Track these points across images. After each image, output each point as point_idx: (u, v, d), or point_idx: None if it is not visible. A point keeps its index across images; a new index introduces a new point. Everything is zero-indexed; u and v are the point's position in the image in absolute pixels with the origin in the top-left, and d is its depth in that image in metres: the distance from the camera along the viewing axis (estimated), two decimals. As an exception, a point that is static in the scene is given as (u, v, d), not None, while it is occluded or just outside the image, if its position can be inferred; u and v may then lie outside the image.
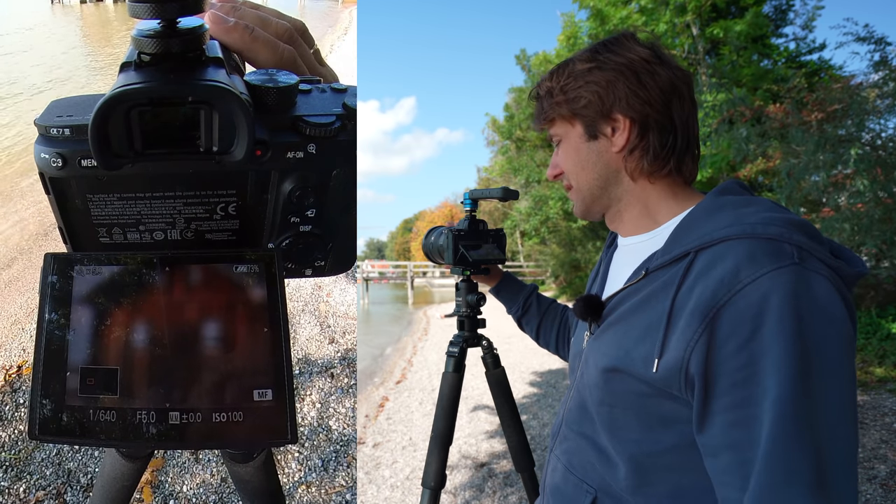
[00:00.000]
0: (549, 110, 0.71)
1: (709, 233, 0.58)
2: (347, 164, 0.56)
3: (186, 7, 0.45)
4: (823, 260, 0.53)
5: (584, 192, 0.71)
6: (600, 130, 0.68)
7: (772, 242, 0.53)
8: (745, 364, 0.51)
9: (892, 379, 3.87)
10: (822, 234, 0.57)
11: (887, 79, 4.91)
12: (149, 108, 0.45)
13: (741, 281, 0.52)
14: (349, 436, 2.38)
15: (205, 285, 0.53)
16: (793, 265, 0.51)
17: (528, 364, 5.51)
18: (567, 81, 0.68)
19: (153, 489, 2.01)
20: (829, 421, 0.49)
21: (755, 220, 0.56)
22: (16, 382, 2.57)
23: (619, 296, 0.67)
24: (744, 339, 0.51)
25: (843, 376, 0.51)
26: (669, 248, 0.62)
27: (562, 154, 0.72)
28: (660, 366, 0.57)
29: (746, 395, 0.51)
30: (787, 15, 9.64)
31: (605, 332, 0.67)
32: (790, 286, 0.50)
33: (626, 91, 0.65)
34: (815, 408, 0.49)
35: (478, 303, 1.19)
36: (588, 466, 0.70)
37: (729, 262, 0.53)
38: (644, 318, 0.61)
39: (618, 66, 0.66)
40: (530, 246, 20.06)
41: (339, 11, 18.95)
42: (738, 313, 0.51)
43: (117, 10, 17.86)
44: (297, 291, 3.72)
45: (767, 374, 0.49)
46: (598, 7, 9.39)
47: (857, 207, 4.71)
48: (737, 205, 0.60)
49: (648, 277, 0.63)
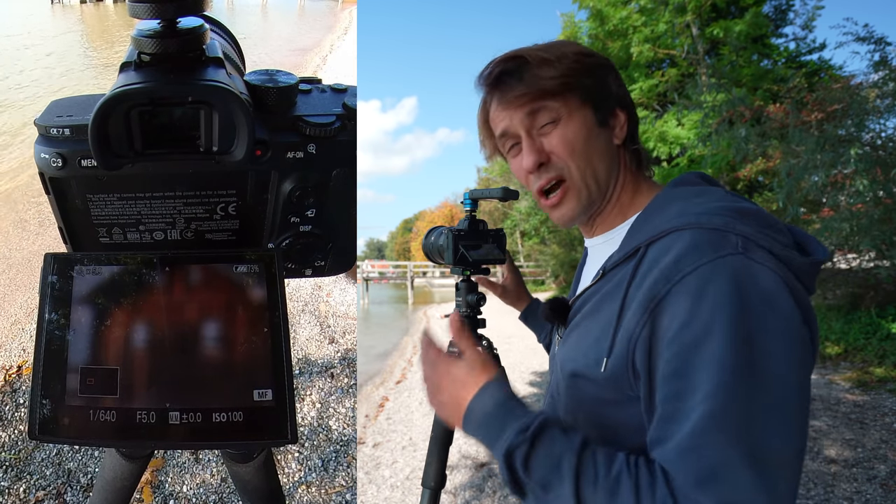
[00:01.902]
0: (553, 82, 0.60)
1: (658, 225, 0.56)
2: (347, 164, 0.56)
3: (186, 7, 0.45)
4: (771, 250, 0.50)
5: (591, 188, 0.63)
6: (610, 118, 0.63)
7: (715, 232, 0.51)
8: (679, 354, 0.48)
9: (892, 379, 3.87)
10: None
11: (887, 79, 4.91)
12: (149, 107, 0.45)
13: (681, 271, 0.50)
14: (349, 436, 2.38)
15: (205, 285, 0.53)
16: (736, 255, 0.49)
17: (528, 364, 5.51)
18: (572, 60, 0.61)
19: (153, 489, 2.01)
20: (765, 423, 0.46)
21: (701, 210, 0.54)
22: (16, 382, 2.56)
23: (581, 298, 0.65)
24: (678, 329, 0.48)
25: (787, 374, 0.47)
26: (624, 245, 0.60)
27: (559, 136, 0.61)
28: (608, 364, 0.55)
29: (679, 388, 0.48)
30: (787, 15, 9.64)
31: (569, 336, 0.66)
32: (730, 276, 0.48)
33: (617, 84, 0.65)
34: (749, 407, 0.46)
35: (478, 303, 1.19)
36: None
37: (672, 254, 0.52)
38: (600, 318, 0.59)
39: (602, 59, 0.65)
40: (530, 246, 20.05)
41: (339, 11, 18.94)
42: (676, 304, 0.49)
43: (117, 10, 17.86)
44: (297, 291, 3.72)
45: (700, 368, 0.47)
46: (597, 7, 9.38)
47: (856, 207, 4.71)
48: (688, 196, 0.59)
49: (606, 277, 0.61)
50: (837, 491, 2.39)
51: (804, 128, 5.09)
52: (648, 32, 8.83)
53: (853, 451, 2.78)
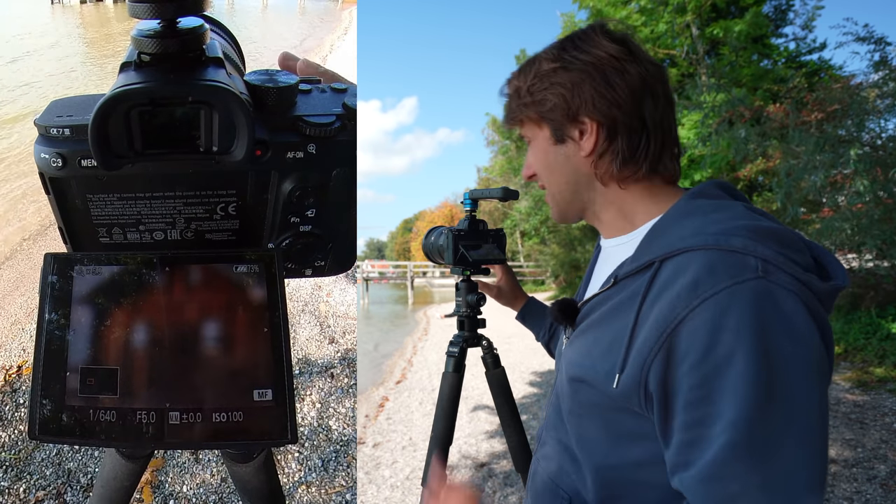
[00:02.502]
0: (517, 111, 0.67)
1: (674, 241, 0.55)
2: (347, 164, 0.56)
3: (185, 7, 0.45)
4: (793, 273, 0.49)
5: (557, 196, 0.68)
6: (567, 134, 0.64)
7: (734, 255, 0.50)
8: (701, 383, 0.48)
9: (892, 379, 3.87)
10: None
11: (887, 79, 4.91)
12: (149, 108, 0.45)
13: (699, 296, 0.49)
14: (349, 436, 2.38)
15: (205, 285, 0.53)
16: (756, 279, 0.48)
17: (528, 364, 5.51)
18: (533, 82, 0.65)
19: (153, 489, 2.01)
20: (785, 453, 0.46)
21: (719, 229, 0.53)
22: (16, 382, 2.56)
23: (591, 302, 0.65)
24: (699, 358, 0.48)
25: (808, 402, 0.47)
26: (638, 255, 0.59)
27: (531, 156, 0.69)
28: (620, 381, 0.55)
29: (700, 416, 0.48)
30: (787, 15, 9.64)
31: (577, 339, 0.66)
32: (751, 302, 0.47)
33: (593, 93, 0.61)
34: (769, 437, 0.46)
35: (478, 303, 1.19)
36: (563, 473, 0.70)
37: (688, 276, 0.51)
38: (611, 329, 0.59)
39: (584, 65, 0.62)
40: (530, 246, 20.05)
41: (339, 11, 18.95)
42: (694, 330, 0.49)
43: (117, 10, 17.86)
44: (297, 291, 3.72)
45: (723, 397, 0.47)
46: (597, 7, 9.39)
47: (856, 207, 4.71)
48: (706, 210, 0.57)
49: (619, 285, 0.61)
50: (837, 491, 2.40)
51: (804, 128, 5.09)
52: (648, 32, 8.83)
53: (853, 451, 2.78)
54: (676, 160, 0.65)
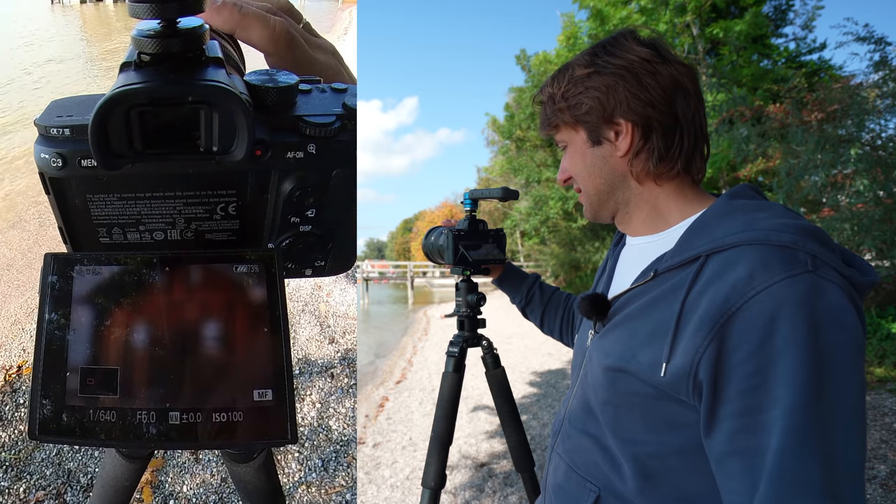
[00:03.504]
0: (553, 117, 0.71)
1: (721, 237, 0.57)
2: (347, 164, 0.56)
3: (186, 7, 0.45)
4: (836, 268, 0.53)
5: (592, 197, 0.71)
6: (603, 136, 0.67)
7: (785, 250, 0.53)
8: (756, 371, 0.50)
9: (892, 379, 3.87)
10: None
11: (887, 79, 4.91)
12: (149, 108, 0.45)
13: (754, 288, 0.51)
14: (349, 436, 2.38)
15: (205, 285, 0.53)
16: (807, 273, 0.51)
17: (528, 364, 5.51)
18: (567, 88, 0.68)
19: (153, 489, 2.01)
20: (839, 432, 0.49)
21: (768, 225, 0.55)
22: (16, 382, 2.57)
23: (626, 296, 0.66)
24: (755, 347, 0.50)
25: (855, 386, 0.50)
26: (680, 250, 0.61)
27: (569, 159, 0.72)
28: (668, 370, 0.56)
29: (756, 403, 0.50)
30: (787, 15, 9.65)
31: (610, 332, 0.67)
32: (804, 294, 0.50)
33: (627, 94, 0.64)
34: (826, 418, 0.49)
35: (478, 303, 1.19)
36: (592, 465, 0.70)
37: (742, 269, 0.53)
38: (652, 320, 0.60)
39: (617, 69, 0.65)
40: (530, 246, 20.05)
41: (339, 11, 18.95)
42: (750, 320, 0.51)
43: (117, 10, 17.86)
44: (297, 291, 3.72)
45: (779, 383, 0.49)
46: (597, 7, 9.39)
47: (857, 207, 4.71)
48: (749, 209, 0.60)
49: (657, 279, 0.62)
50: (837, 491, 2.39)
51: (804, 128, 5.09)
52: (650, 30, 8.83)
53: (853, 451, 2.78)
54: (704, 160, 0.68)
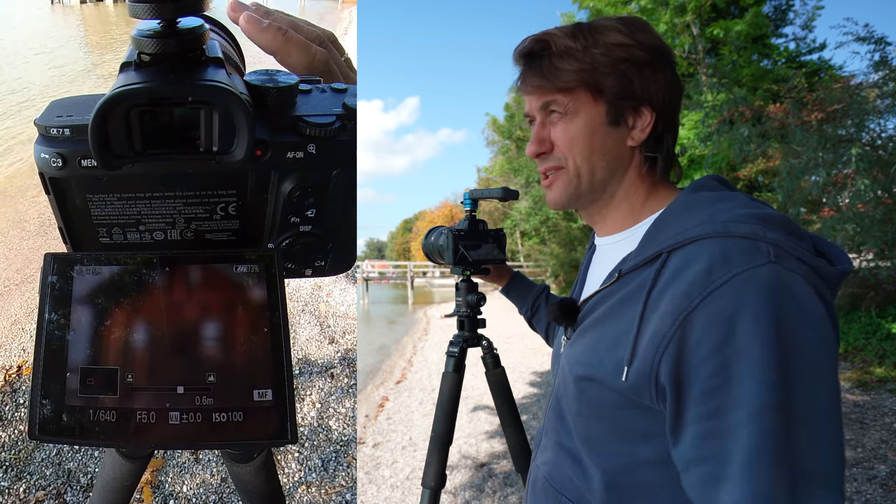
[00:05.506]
0: (571, 76, 0.60)
1: (681, 232, 0.54)
2: (347, 164, 0.56)
3: (186, 7, 0.45)
4: (802, 258, 0.50)
5: (583, 180, 0.63)
6: (623, 118, 0.61)
7: (746, 241, 0.50)
8: (718, 370, 0.47)
9: (892, 379, 3.87)
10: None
11: (887, 79, 4.91)
12: (149, 108, 0.45)
13: (714, 282, 0.48)
14: (349, 436, 2.38)
15: (205, 285, 0.53)
16: (769, 264, 0.48)
17: (528, 364, 5.51)
18: (601, 51, 0.59)
19: (153, 489, 2.01)
20: (809, 435, 0.46)
21: (728, 217, 0.52)
22: (16, 382, 2.56)
23: (593, 299, 0.63)
24: (717, 343, 0.47)
25: (825, 383, 0.47)
26: (642, 248, 0.58)
27: (563, 130, 0.62)
28: (629, 374, 0.53)
29: (719, 405, 0.47)
30: (787, 15, 9.65)
31: (580, 338, 0.64)
32: (766, 286, 0.47)
33: (664, 82, 0.60)
34: (794, 420, 0.45)
35: (478, 303, 1.19)
36: (566, 479, 0.67)
37: (701, 263, 0.50)
38: (617, 323, 0.58)
39: (655, 50, 0.60)
40: (530, 246, 20.06)
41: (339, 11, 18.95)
42: (710, 316, 0.48)
43: (117, 10, 17.86)
44: (297, 291, 3.72)
45: (743, 382, 0.46)
46: (597, 7, 9.38)
47: (857, 208, 4.71)
48: (710, 201, 0.57)
49: (622, 280, 0.59)
50: (837, 491, 2.39)
51: (804, 128, 5.09)
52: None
53: (853, 451, 2.78)
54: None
